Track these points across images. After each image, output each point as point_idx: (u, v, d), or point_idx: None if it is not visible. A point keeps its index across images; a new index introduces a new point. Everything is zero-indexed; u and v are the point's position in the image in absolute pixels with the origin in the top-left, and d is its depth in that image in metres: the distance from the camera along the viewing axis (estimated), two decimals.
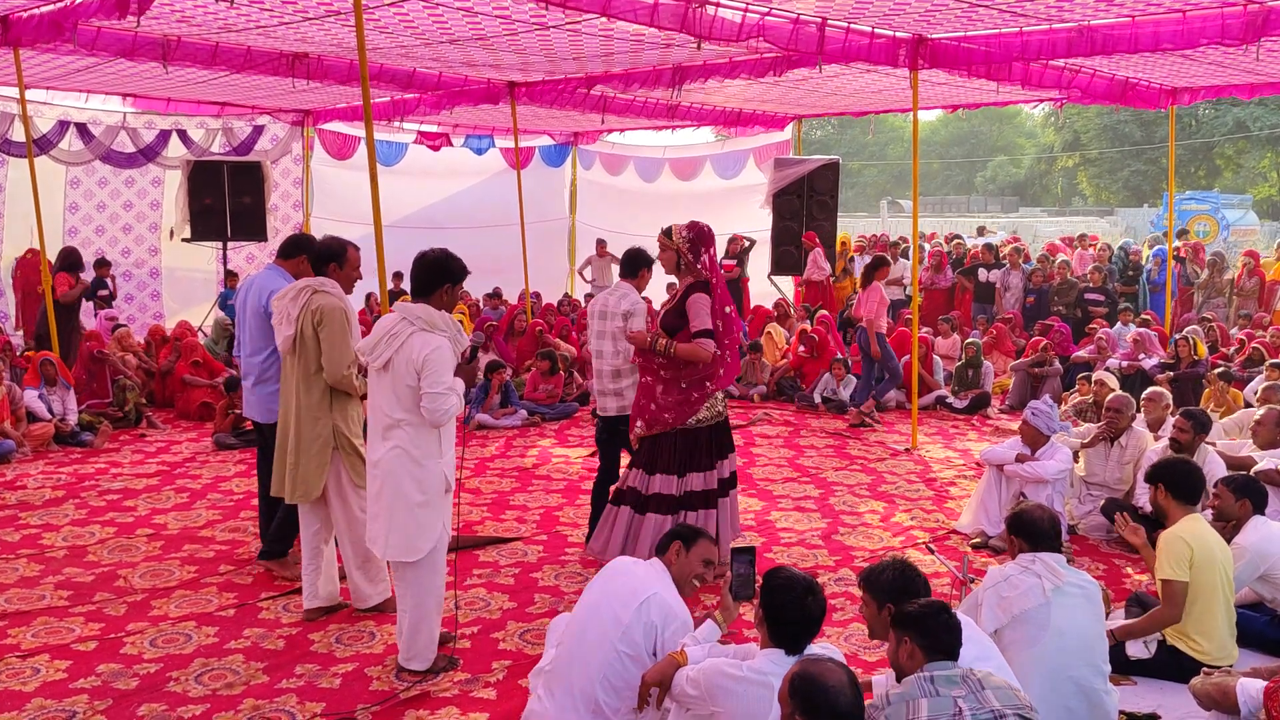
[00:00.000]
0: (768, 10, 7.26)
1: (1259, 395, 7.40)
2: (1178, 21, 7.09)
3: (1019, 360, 10.89)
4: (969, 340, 11.16)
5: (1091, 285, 13.28)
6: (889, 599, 3.33)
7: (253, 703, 4.11)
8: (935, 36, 8.27)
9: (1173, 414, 6.48)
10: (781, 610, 3.13)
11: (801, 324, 11.82)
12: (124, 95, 12.21)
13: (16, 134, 11.45)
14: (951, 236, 18.07)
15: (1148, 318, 11.86)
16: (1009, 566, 3.83)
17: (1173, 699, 4.09)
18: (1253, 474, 5.38)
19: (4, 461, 7.90)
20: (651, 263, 5.89)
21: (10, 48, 8.27)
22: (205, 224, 12.66)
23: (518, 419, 9.65)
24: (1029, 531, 3.86)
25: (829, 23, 7.65)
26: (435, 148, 15.14)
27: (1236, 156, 38.32)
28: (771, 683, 2.95)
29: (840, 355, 10.88)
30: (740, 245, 14.42)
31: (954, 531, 6.47)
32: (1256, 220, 29.25)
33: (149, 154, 13.20)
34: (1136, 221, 31.69)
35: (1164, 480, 4.47)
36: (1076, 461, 6.52)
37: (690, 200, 16.39)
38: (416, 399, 4.07)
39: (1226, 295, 13.87)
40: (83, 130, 12.64)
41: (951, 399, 10.47)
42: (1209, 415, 6.27)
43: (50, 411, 8.67)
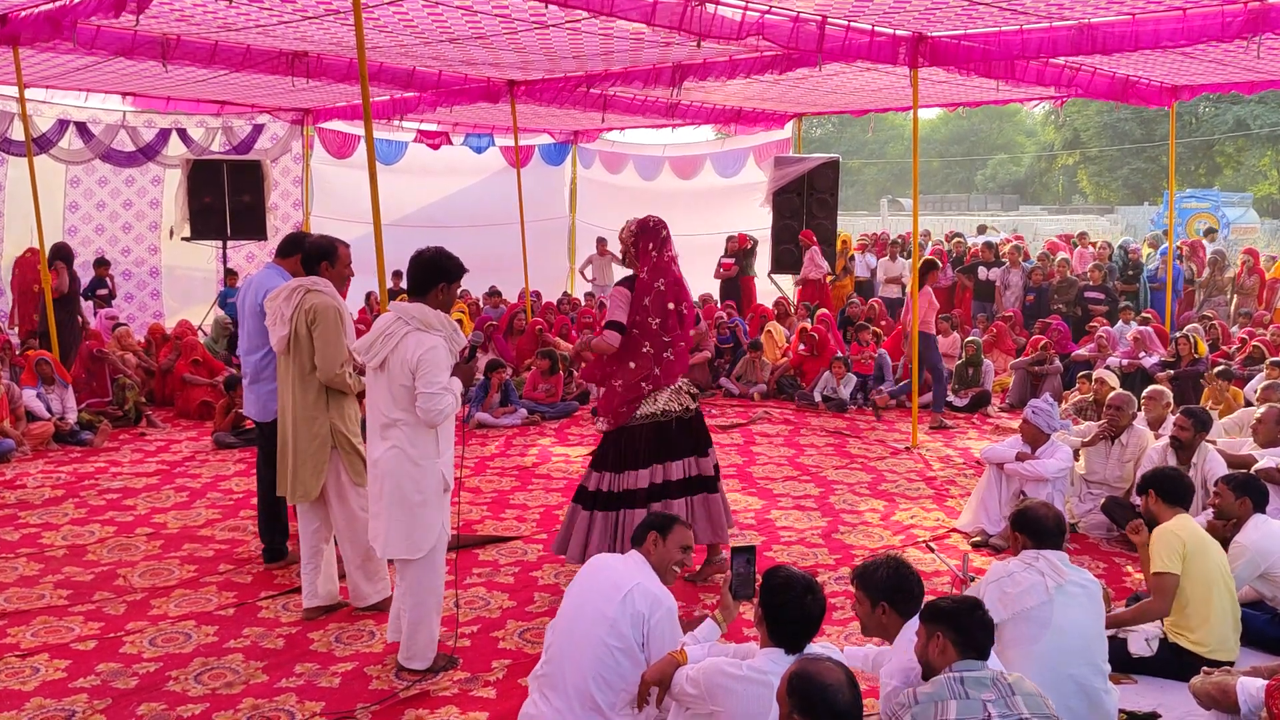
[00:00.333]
0: (768, 8, 7.25)
1: (1259, 394, 7.40)
2: (1178, 19, 7.08)
3: (1019, 359, 10.88)
4: (969, 339, 11.16)
5: (1092, 284, 13.28)
6: (883, 597, 3.33)
7: (252, 702, 4.11)
8: (935, 35, 8.26)
9: (1173, 412, 6.47)
10: (781, 609, 3.13)
11: (802, 322, 11.81)
12: (123, 94, 12.19)
13: (16, 133, 11.44)
14: (952, 234, 18.05)
15: (1148, 316, 11.86)
16: (1012, 562, 3.82)
17: (1173, 697, 4.08)
18: (1253, 472, 5.37)
19: (3, 460, 7.89)
20: None
21: (9, 46, 8.26)
22: (205, 223, 12.66)
23: (517, 418, 9.64)
24: (1033, 529, 3.85)
25: (829, 21, 7.64)
26: (435, 146, 15.14)
27: (1237, 154, 38.32)
28: (771, 681, 2.94)
29: (840, 354, 10.88)
30: (742, 245, 14.41)
31: (954, 530, 6.47)
32: (1257, 218, 29.22)
33: (149, 153, 13.20)
34: (1137, 220, 31.66)
35: (1153, 487, 4.58)
36: (1077, 460, 6.52)
37: (690, 198, 16.40)
38: (412, 399, 4.06)
39: (1228, 293, 13.86)
40: (82, 129, 12.64)
41: (952, 397, 10.46)
42: (1209, 413, 6.27)
43: (49, 410, 8.67)
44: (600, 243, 15.30)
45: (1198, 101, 33.91)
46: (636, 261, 5.24)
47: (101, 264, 12.32)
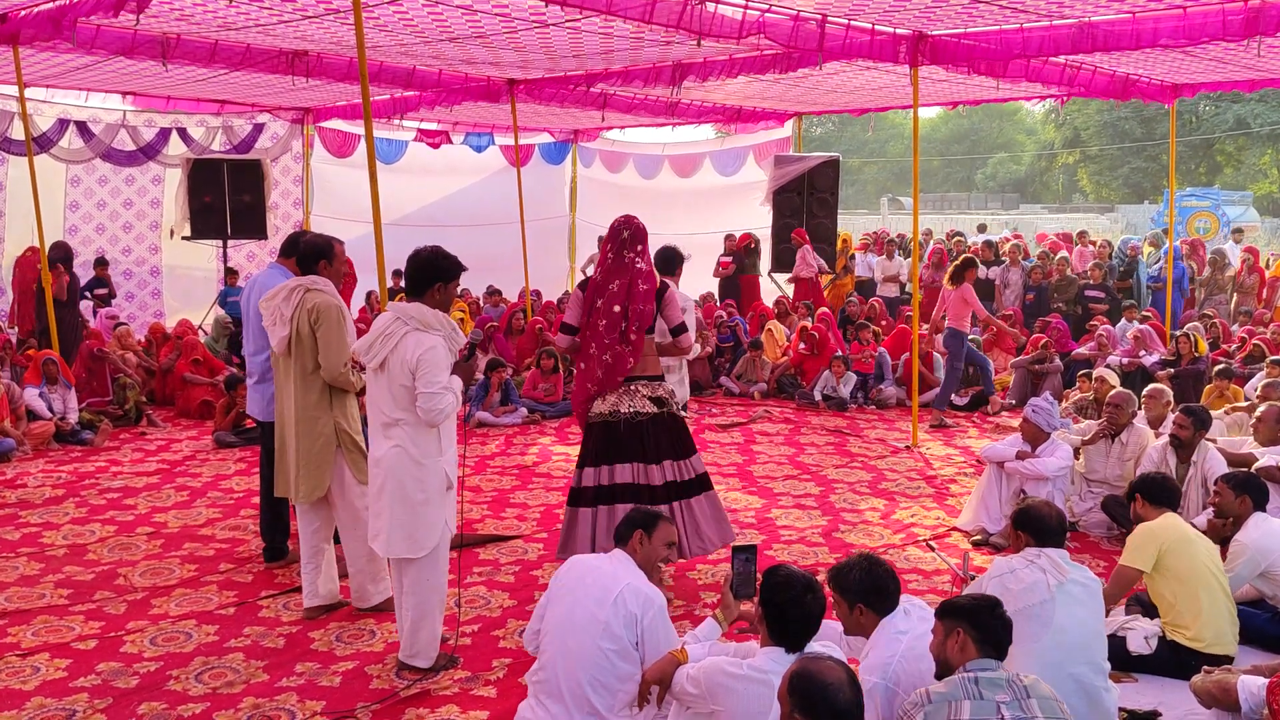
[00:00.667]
0: (768, 7, 7.24)
1: (1259, 392, 7.40)
2: (1178, 18, 7.08)
3: (1019, 357, 10.88)
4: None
5: (1092, 282, 13.27)
6: (859, 599, 3.32)
7: (253, 701, 4.11)
8: (936, 33, 8.26)
9: (1173, 411, 6.47)
10: (782, 608, 3.13)
11: (802, 321, 11.81)
12: (123, 93, 12.18)
13: (16, 132, 11.44)
14: (952, 233, 18.04)
15: (1149, 314, 11.85)
16: (1014, 559, 3.81)
17: (1174, 696, 4.07)
18: (1253, 471, 5.37)
19: (4, 460, 7.90)
20: (684, 260, 6.03)
21: (9, 46, 8.26)
22: (205, 222, 12.64)
23: (518, 417, 9.64)
24: (1036, 527, 3.85)
25: (829, 19, 7.64)
26: (435, 145, 15.12)
27: (1237, 153, 38.31)
28: (772, 681, 2.94)
29: (840, 353, 10.87)
30: (743, 244, 14.40)
31: (954, 529, 6.47)
32: (1257, 217, 29.22)
33: (149, 152, 13.19)
34: (1137, 218, 31.67)
35: (1140, 491, 4.66)
36: (1077, 458, 6.52)
37: (690, 197, 16.40)
38: (413, 399, 4.06)
39: (1228, 292, 13.86)
40: (82, 128, 12.63)
41: (952, 395, 10.45)
42: (1209, 412, 6.27)
43: (50, 410, 8.67)
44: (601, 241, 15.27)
45: (1198, 100, 33.86)
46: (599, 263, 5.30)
47: (101, 264, 12.32)
